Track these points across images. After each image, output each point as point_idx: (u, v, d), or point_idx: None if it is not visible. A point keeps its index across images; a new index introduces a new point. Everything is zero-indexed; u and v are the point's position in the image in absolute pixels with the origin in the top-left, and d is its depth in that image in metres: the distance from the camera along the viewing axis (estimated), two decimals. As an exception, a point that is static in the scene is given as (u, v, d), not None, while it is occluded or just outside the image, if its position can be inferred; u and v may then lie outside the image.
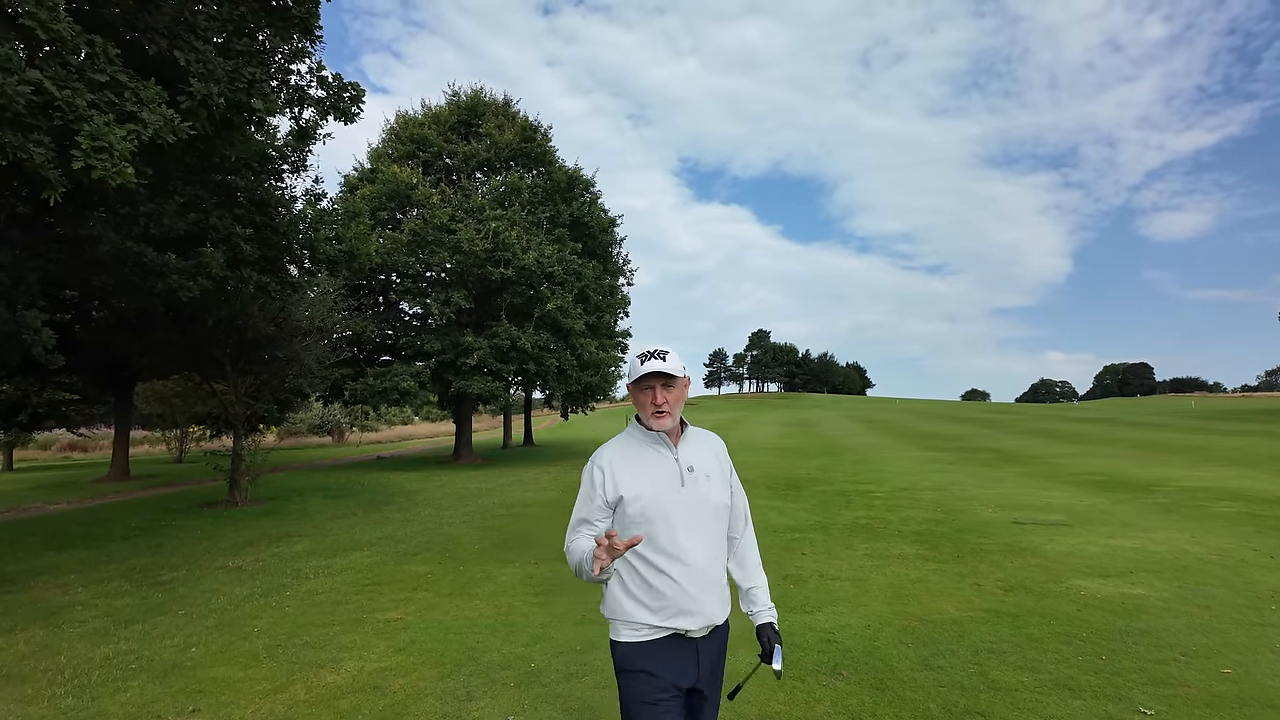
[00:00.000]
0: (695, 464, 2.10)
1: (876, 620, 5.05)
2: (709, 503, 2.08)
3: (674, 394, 2.07)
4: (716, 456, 2.19)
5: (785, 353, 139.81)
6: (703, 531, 2.05)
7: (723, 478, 2.16)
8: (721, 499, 2.12)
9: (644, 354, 2.08)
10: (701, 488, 2.08)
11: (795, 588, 6.02)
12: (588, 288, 20.72)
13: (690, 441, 2.15)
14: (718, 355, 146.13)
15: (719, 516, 2.11)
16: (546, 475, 16.37)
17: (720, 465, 2.17)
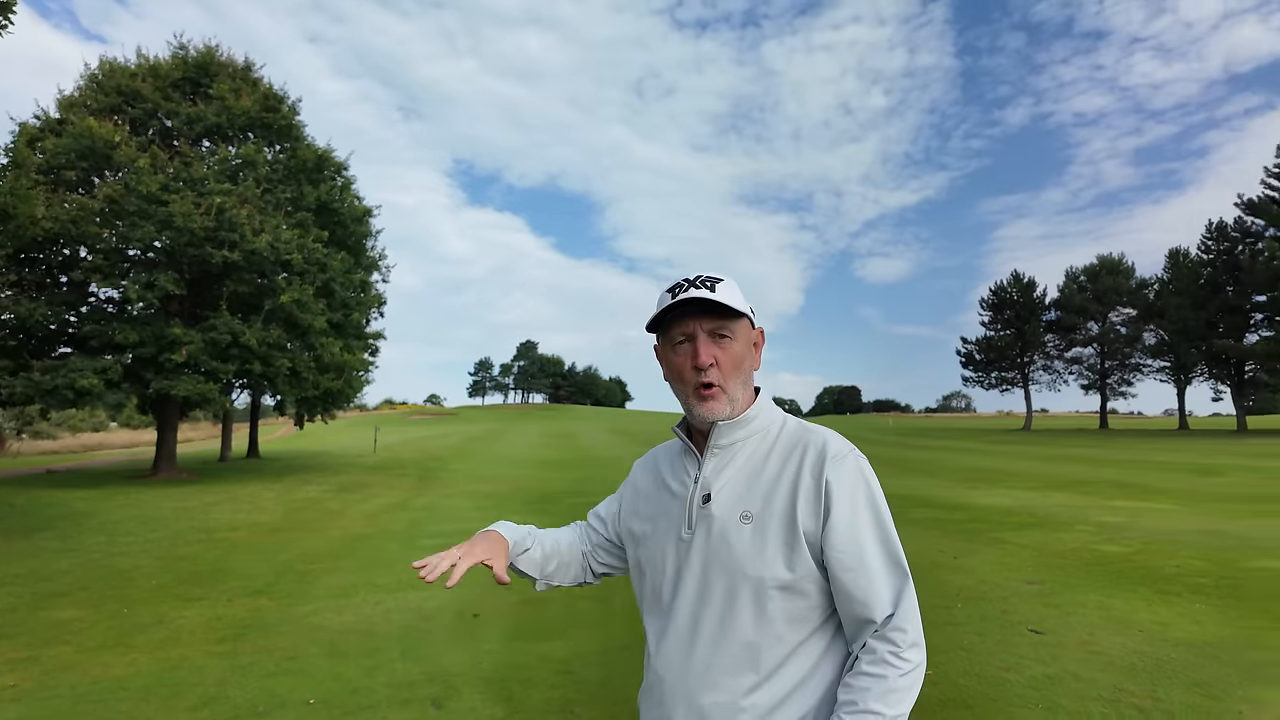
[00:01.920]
0: (725, 491, 1.20)
1: (616, 644, 4.74)
2: (725, 564, 1.17)
3: (729, 352, 1.22)
4: (788, 482, 1.17)
5: (552, 364, 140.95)
6: (705, 608, 1.18)
7: (783, 524, 1.15)
8: (758, 561, 1.14)
9: (677, 284, 1.25)
10: (720, 535, 1.18)
11: (536, 613, 5.55)
12: (334, 281, 18.68)
13: (740, 449, 1.23)
14: (484, 364, 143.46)
15: (748, 593, 1.14)
16: (267, 493, 14.39)
17: (789, 500, 1.15)
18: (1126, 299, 54.71)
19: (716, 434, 1.24)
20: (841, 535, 1.13)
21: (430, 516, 11.04)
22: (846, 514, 1.14)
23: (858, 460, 1.19)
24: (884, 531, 1.15)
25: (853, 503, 1.15)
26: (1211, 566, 6.59)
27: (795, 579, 1.14)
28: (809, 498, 1.15)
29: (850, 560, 1.13)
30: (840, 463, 1.16)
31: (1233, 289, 44.71)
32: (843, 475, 1.16)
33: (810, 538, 1.14)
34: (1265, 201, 41.22)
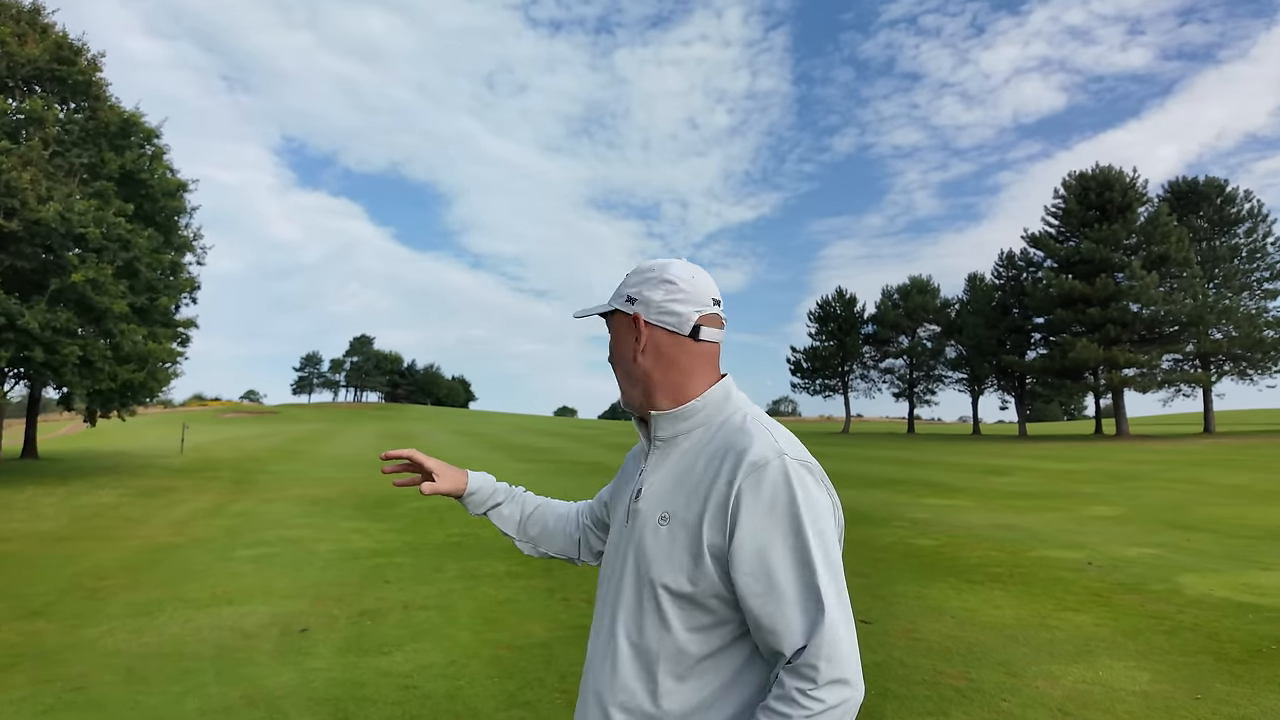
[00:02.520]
0: (653, 488, 1.16)
1: (463, 654, 4.53)
2: (639, 565, 1.12)
3: (612, 348, 1.27)
4: (704, 487, 1.08)
5: (389, 361, 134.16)
6: (620, 608, 1.14)
7: (691, 532, 1.07)
8: (663, 567, 1.08)
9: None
10: (639, 533, 1.14)
11: (374, 624, 5.20)
12: (139, 261, 16.58)
13: (679, 444, 1.17)
14: (312, 359, 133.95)
15: (651, 599, 1.09)
16: (48, 498, 12.57)
17: (700, 507, 1.07)
18: (932, 316, 60.80)
19: (655, 426, 1.19)
20: (747, 555, 1.01)
21: (248, 523, 10.10)
22: (755, 530, 1.01)
23: (784, 467, 1.03)
24: (802, 552, 1.00)
25: (768, 517, 1.01)
26: (1006, 556, 7.39)
27: (696, 592, 1.05)
28: (717, 508, 1.04)
29: (757, 585, 1.00)
30: (758, 470, 1.03)
31: (1018, 311, 50.88)
32: (760, 485, 1.02)
33: (715, 553, 1.04)
34: (1045, 236, 47.34)
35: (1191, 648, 4.46)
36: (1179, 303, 41.71)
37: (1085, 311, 42.30)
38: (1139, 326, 42.48)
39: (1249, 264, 45.81)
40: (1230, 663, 4.18)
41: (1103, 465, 20.02)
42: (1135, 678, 3.96)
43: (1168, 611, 5.27)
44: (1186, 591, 5.83)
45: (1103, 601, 5.58)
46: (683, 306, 1.18)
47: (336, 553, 7.91)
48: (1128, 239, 43.33)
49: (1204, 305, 42.23)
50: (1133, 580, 6.25)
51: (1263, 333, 42.49)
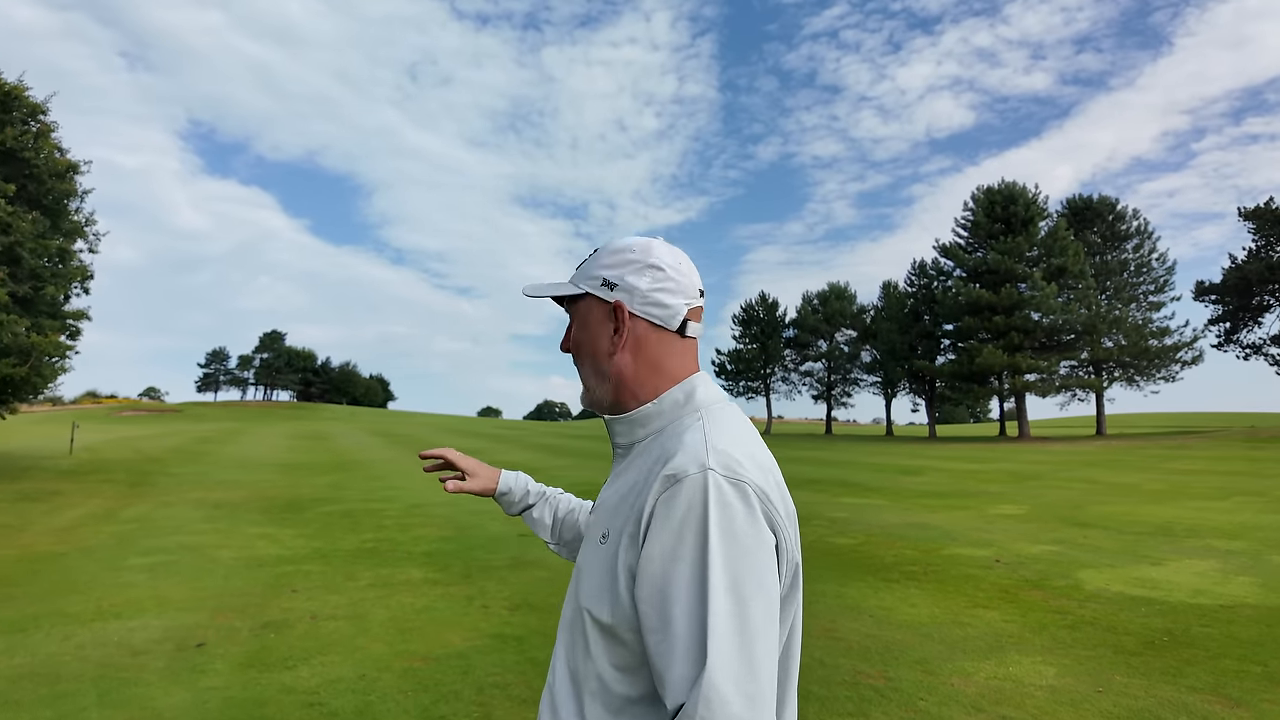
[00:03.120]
0: (602, 504, 1.04)
1: (374, 666, 4.31)
2: (574, 585, 1.03)
3: (575, 340, 1.11)
4: (635, 501, 0.93)
5: (302, 358, 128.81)
6: (562, 627, 1.03)
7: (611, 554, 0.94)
8: (586, 590, 0.96)
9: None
10: (581, 552, 1.05)
11: (277, 637, 4.89)
12: (21, 246, 15.28)
13: (636, 454, 1.04)
14: (218, 355, 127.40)
15: (579, 623, 0.97)
16: (-85, 503, 11.46)
17: (622, 526, 0.94)
18: (849, 322, 62.80)
19: (611, 431, 1.08)
20: (647, 583, 0.86)
21: (143, 529, 9.43)
22: (659, 555, 0.85)
23: (704, 482, 0.86)
24: (700, 585, 0.82)
25: (675, 540, 0.85)
26: (920, 555, 7.62)
27: (614, 623, 0.90)
28: (635, 526, 0.90)
29: (652, 617, 0.85)
30: (676, 483, 0.87)
31: (929, 318, 53.09)
32: (672, 502, 0.86)
33: (628, 577, 0.90)
34: (954, 247, 49.57)
35: (1092, 641, 4.67)
36: (1075, 312, 44.41)
37: (991, 319, 44.50)
38: (1039, 334, 44.99)
39: (1136, 277, 49.22)
40: (1128, 655, 4.38)
41: (1006, 465, 21.03)
42: (1042, 672, 4.11)
43: (1069, 606, 5.51)
44: (1086, 586, 6.12)
45: (1010, 598, 5.80)
46: (672, 298, 1.04)
47: (240, 560, 7.46)
48: (1030, 251, 45.84)
49: (1097, 315, 45.12)
50: (1037, 576, 6.52)
51: (1148, 342, 45.75)
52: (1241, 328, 50.53)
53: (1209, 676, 4.01)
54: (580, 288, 1.07)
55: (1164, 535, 8.58)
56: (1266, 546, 7.73)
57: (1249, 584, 6.10)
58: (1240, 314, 50.28)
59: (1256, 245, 49.20)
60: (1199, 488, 13.81)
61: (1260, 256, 48.59)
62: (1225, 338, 51.05)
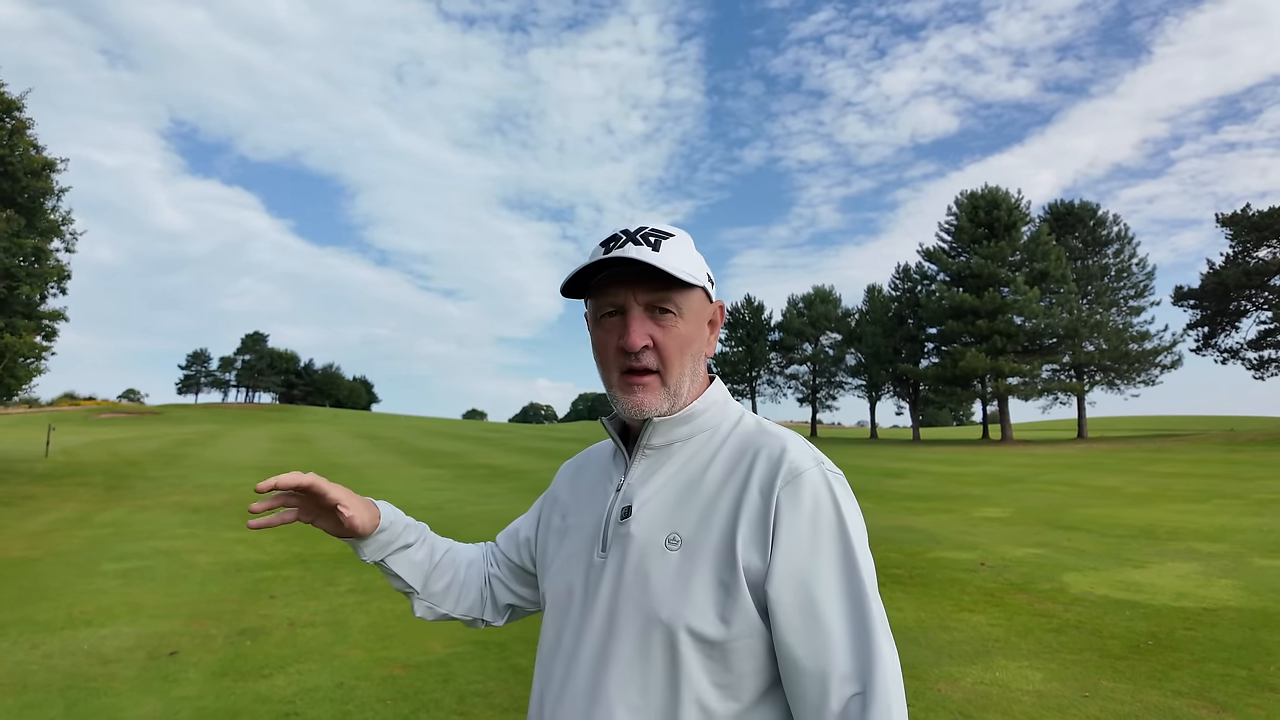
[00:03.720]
0: (651, 505, 0.93)
1: (353, 674, 4.22)
2: (639, 602, 0.87)
3: (672, 332, 0.94)
4: (730, 499, 0.88)
5: (285, 360, 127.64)
6: (610, 659, 0.87)
7: (719, 555, 0.86)
8: (681, 603, 0.85)
9: (610, 237, 0.97)
10: (637, 561, 0.90)
11: (254, 645, 4.79)
12: (-6, 246, 15.12)
13: (678, 451, 0.96)
14: (199, 356, 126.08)
15: (663, 644, 0.85)
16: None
17: (729, 523, 0.87)
18: (834, 325, 63.09)
19: (650, 431, 0.96)
20: (788, 578, 0.83)
21: (119, 534, 9.25)
22: (796, 552, 0.83)
23: (825, 476, 0.88)
24: (852, 576, 0.83)
25: (812, 533, 0.84)
26: (905, 558, 7.60)
27: (729, 635, 0.83)
28: (754, 523, 0.85)
29: (799, 618, 0.82)
30: (798, 479, 0.86)
31: (913, 322, 53.41)
32: (800, 495, 0.85)
33: (753, 578, 0.84)
34: (938, 251, 49.93)
35: (1078, 645, 4.66)
36: (1057, 316, 44.85)
37: (974, 323, 44.82)
38: (1022, 338, 45.37)
39: (1117, 282, 49.77)
40: (1113, 659, 4.37)
41: (989, 469, 21.16)
42: (1029, 677, 4.09)
43: (1055, 610, 5.51)
44: (1070, 590, 6.13)
45: (996, 601, 5.79)
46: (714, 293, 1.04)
47: (217, 566, 7.32)
48: (1012, 256, 46.25)
49: (1079, 319, 45.59)
50: (1022, 580, 6.52)
51: (1128, 346, 46.26)
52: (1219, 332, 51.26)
53: (1194, 680, 4.00)
54: (695, 279, 0.95)
55: (1146, 538, 8.62)
56: (1247, 549, 7.78)
57: (1231, 587, 6.13)
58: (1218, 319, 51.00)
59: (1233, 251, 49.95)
60: (1179, 490, 13.93)
61: (1237, 262, 49.32)
62: (1204, 342, 51.72)
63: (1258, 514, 10.51)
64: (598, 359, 0.99)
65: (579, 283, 0.97)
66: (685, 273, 0.92)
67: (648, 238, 0.93)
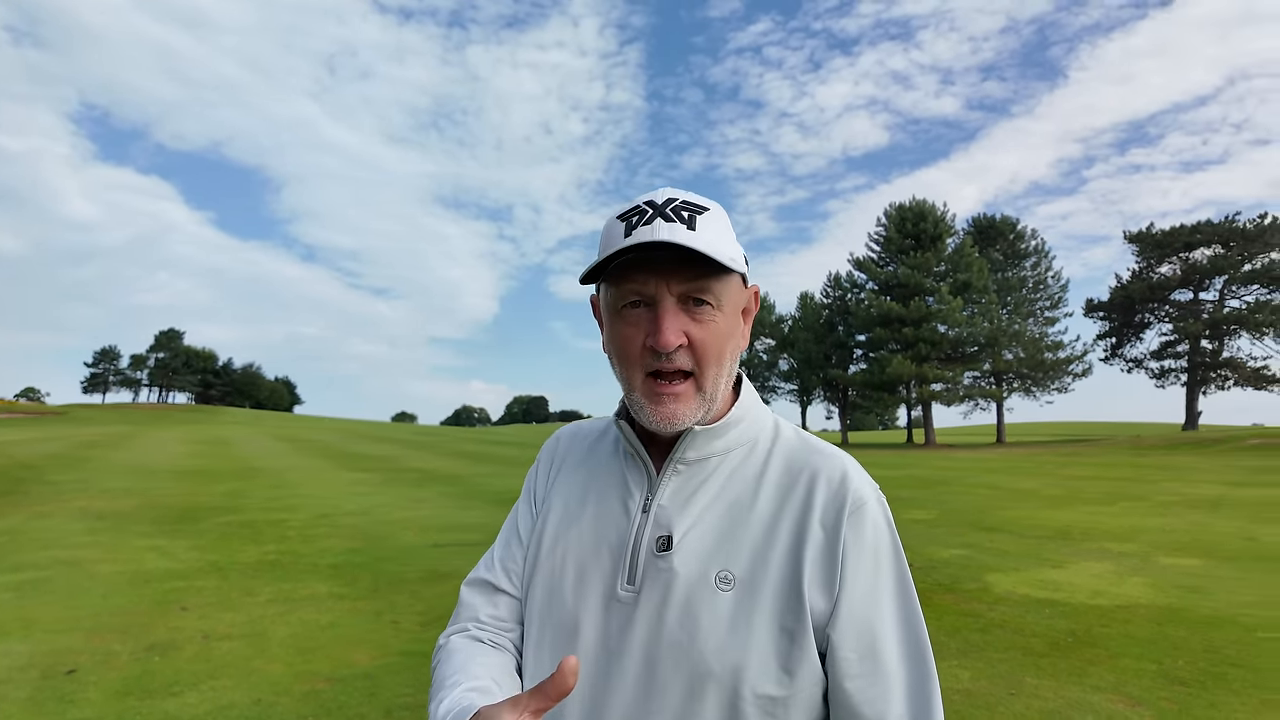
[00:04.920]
0: (694, 536, 0.80)
1: (272, 689, 4.00)
2: (687, 652, 0.75)
3: (711, 329, 0.80)
4: (789, 532, 0.79)
5: (202, 359, 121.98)
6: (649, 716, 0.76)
7: (783, 598, 0.76)
8: (740, 654, 0.74)
9: (632, 210, 0.79)
10: (683, 604, 0.77)
11: (163, 660, 4.49)
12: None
13: (717, 468, 0.84)
14: (109, 354, 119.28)
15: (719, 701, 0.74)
16: None
17: (793, 560, 0.77)
18: (768, 331, 64.25)
19: (687, 443, 0.83)
20: (852, 622, 0.76)
21: (13, 543, 8.59)
22: (861, 589, 0.77)
23: (882, 508, 0.83)
24: (911, 618, 0.79)
25: (874, 573, 0.78)
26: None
27: (792, 690, 0.75)
28: (819, 560, 0.77)
29: (859, 661, 0.76)
30: (862, 511, 0.80)
31: (843, 328, 54.85)
32: (864, 530, 0.79)
33: (817, 621, 0.76)
34: (868, 260, 51.45)
35: (1002, 644, 4.80)
36: (979, 326, 46.77)
37: (901, 331, 46.33)
38: (945, 346, 47.12)
39: (1034, 294, 52.28)
40: (1036, 657, 4.52)
41: (915, 472, 21.84)
42: (958, 676, 4.18)
43: (980, 610, 5.67)
44: (994, 590, 6.33)
45: (924, 602, 5.87)
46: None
47: (124, 576, 6.87)
48: (938, 266, 48.01)
49: (999, 329, 47.65)
50: (949, 580, 6.71)
51: (1044, 355, 48.62)
52: (1125, 343, 54.42)
53: (1111, 676, 4.17)
54: (731, 262, 0.78)
55: (1063, 539, 9.01)
56: (1154, 548, 8.21)
57: (1141, 585, 6.44)
58: (1124, 330, 54.13)
59: (1139, 267, 53.14)
60: (1091, 493, 14.66)
61: (1142, 277, 52.48)
62: (1111, 352, 54.83)
63: (1161, 515, 11.13)
64: (616, 357, 0.84)
65: (593, 268, 0.82)
66: (727, 256, 0.78)
67: (679, 212, 0.78)
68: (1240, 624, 5.15)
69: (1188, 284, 49.77)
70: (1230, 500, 12.81)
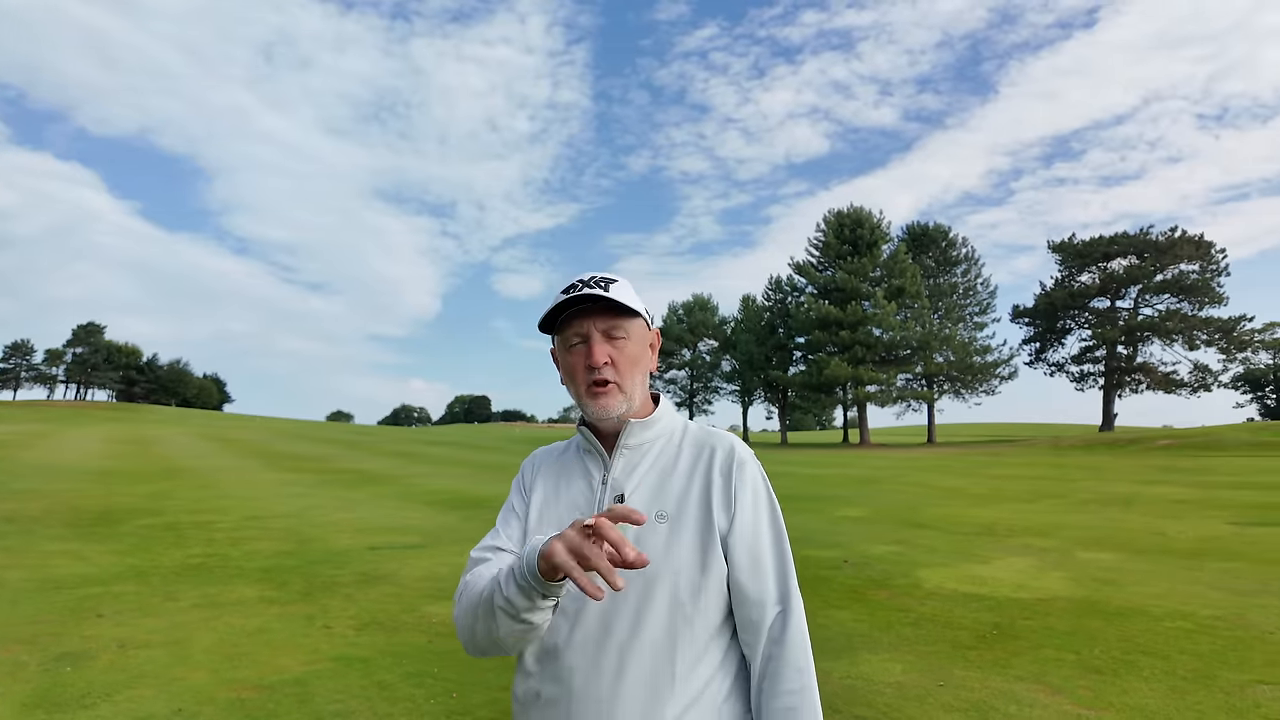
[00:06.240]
0: (639, 491, 1.21)
1: (194, 698, 3.83)
2: (638, 572, 1.10)
3: (625, 352, 1.24)
4: (700, 481, 1.20)
5: (125, 354, 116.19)
6: (616, 615, 1.11)
7: (699, 522, 1.17)
8: (675, 561, 1.13)
9: (571, 284, 1.24)
10: (634, 536, 1.06)
11: (75, 671, 4.25)
12: None
13: (649, 449, 1.26)
14: (20, 348, 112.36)
15: (664, 595, 1.11)
16: None
17: (703, 497, 1.18)
18: (711, 332, 64.97)
19: (627, 433, 1.23)
20: (743, 534, 1.16)
21: (-92, 549, 8.03)
22: (749, 515, 1.18)
23: (757, 465, 1.25)
24: (779, 534, 1.20)
25: (754, 503, 1.19)
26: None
27: (709, 579, 1.14)
28: (721, 496, 1.18)
29: (746, 559, 1.16)
30: (745, 465, 1.21)
31: (783, 331, 55.85)
32: (744, 474, 1.21)
33: (722, 535, 1.16)
34: (807, 265, 52.49)
35: (932, 638, 4.95)
36: (912, 330, 48.19)
37: (838, 334, 47.41)
38: (880, 349, 48.43)
39: (964, 299, 54.16)
40: (964, 649, 4.68)
41: (850, 471, 22.38)
42: (890, 669, 4.29)
43: (911, 604, 5.84)
44: (925, 585, 6.53)
45: (859, 598, 6.07)
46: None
47: (33, 582, 6.49)
48: (873, 272, 49.31)
49: (930, 333, 49.19)
50: (881, 576, 6.89)
51: (973, 358, 50.40)
52: (1049, 348, 56.83)
53: (1033, 666, 4.35)
54: (640, 309, 1.26)
55: (989, 535, 9.36)
56: (1073, 544, 8.61)
57: (1061, 579, 6.74)
58: (1048, 335, 56.52)
59: (1061, 275, 55.59)
60: (1014, 491, 15.27)
61: (1064, 285, 54.92)
62: (1035, 356, 57.18)
63: (1079, 512, 11.67)
64: (568, 379, 1.26)
65: (548, 323, 1.26)
66: (631, 305, 1.22)
67: (599, 282, 1.21)
68: (1150, 614, 5.44)
69: (1106, 292, 52.39)
70: (1142, 497, 13.53)
